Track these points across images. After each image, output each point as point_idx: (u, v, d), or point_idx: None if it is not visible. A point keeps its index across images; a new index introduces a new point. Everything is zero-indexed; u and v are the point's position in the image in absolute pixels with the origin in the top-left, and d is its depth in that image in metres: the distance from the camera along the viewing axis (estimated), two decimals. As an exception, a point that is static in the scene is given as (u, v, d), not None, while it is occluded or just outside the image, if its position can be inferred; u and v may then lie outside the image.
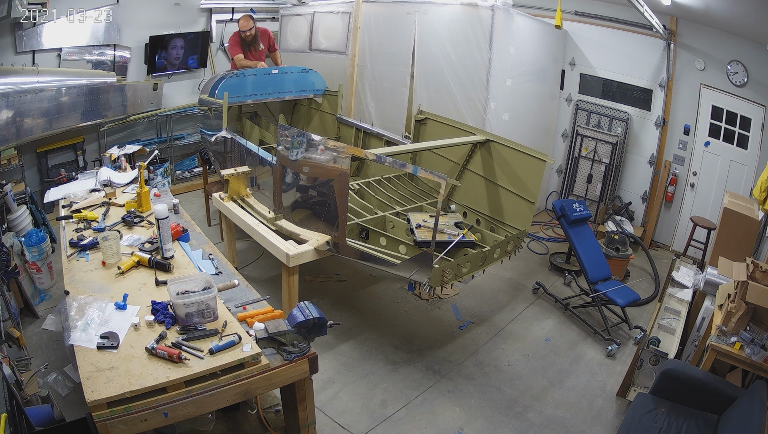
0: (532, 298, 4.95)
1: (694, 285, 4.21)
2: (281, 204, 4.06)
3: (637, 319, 4.67)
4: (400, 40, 5.89)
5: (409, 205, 4.70)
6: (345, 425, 3.30)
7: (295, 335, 2.50)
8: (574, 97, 6.54)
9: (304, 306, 2.56)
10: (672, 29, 5.57)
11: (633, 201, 6.38)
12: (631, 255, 5.36)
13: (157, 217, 3.03)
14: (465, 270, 3.62)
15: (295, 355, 2.43)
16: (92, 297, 2.62)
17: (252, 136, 6.24)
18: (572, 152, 6.57)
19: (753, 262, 3.24)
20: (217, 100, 5.37)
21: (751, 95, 5.19)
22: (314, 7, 6.90)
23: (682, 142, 5.90)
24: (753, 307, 3.07)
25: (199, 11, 6.99)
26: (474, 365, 3.95)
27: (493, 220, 4.44)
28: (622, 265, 5.31)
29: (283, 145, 3.86)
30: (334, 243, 3.75)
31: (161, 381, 2.14)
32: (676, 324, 3.90)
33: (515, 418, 3.45)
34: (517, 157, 4.23)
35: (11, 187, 4.77)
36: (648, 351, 3.53)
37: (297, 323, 2.49)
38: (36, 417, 2.56)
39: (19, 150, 5.30)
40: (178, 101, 7.03)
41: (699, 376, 3.08)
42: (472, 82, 5.39)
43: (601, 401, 3.67)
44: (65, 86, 5.49)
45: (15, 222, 4.71)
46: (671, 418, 2.93)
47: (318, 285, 4.87)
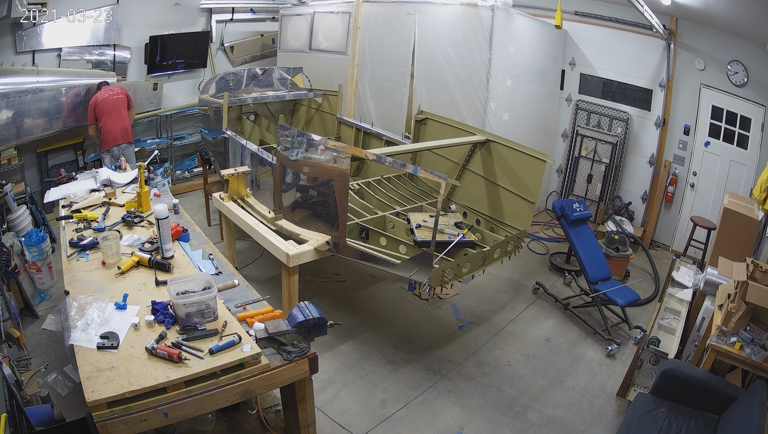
0: (532, 298, 4.95)
1: (694, 285, 4.21)
2: (281, 204, 4.06)
3: (637, 319, 4.67)
4: (400, 40, 5.89)
5: (409, 204, 4.70)
6: (345, 425, 3.30)
7: (295, 335, 2.50)
8: (574, 97, 6.54)
9: (304, 306, 2.56)
10: (672, 29, 5.57)
11: (633, 201, 6.38)
12: (631, 256, 5.36)
13: (157, 217, 3.02)
14: (465, 270, 3.62)
15: (295, 355, 2.44)
16: (92, 297, 2.62)
17: (252, 136, 6.25)
18: (572, 152, 6.57)
19: (753, 262, 3.24)
20: (217, 100, 5.38)
21: (751, 95, 5.19)
22: (314, 7, 6.90)
23: (682, 142, 5.90)
24: (753, 307, 3.07)
25: (199, 11, 6.99)
26: (474, 365, 3.95)
27: (493, 220, 4.44)
28: (622, 265, 5.31)
29: (283, 144, 3.86)
30: (334, 243, 3.75)
31: (161, 381, 2.14)
32: (676, 324, 3.90)
33: (515, 418, 3.45)
34: (517, 157, 4.23)
35: (11, 187, 4.77)
36: (648, 351, 3.53)
37: (297, 323, 2.49)
38: (36, 417, 2.56)
39: (19, 150, 5.31)
40: (178, 101, 7.03)
41: (699, 376, 3.08)
42: (472, 82, 5.39)
43: (601, 401, 3.67)
44: (65, 86, 5.49)
45: (15, 222, 4.71)
46: (671, 418, 2.93)
47: (318, 285, 4.87)
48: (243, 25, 7.67)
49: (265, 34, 7.92)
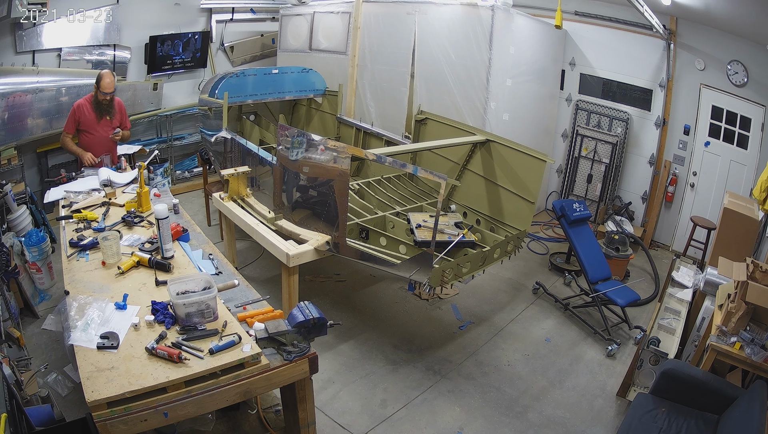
0: (532, 298, 4.95)
1: (694, 285, 4.21)
2: (281, 204, 4.06)
3: (637, 319, 4.67)
4: (400, 40, 5.89)
5: (409, 204, 4.70)
6: (345, 425, 3.30)
7: (295, 335, 2.50)
8: (574, 97, 6.54)
9: (304, 306, 2.57)
10: (672, 29, 5.57)
11: (633, 201, 6.38)
12: (631, 255, 5.36)
13: (157, 216, 3.02)
14: (465, 270, 3.62)
15: (295, 355, 2.44)
16: (92, 297, 2.62)
17: (252, 136, 6.25)
18: (572, 152, 6.57)
19: (753, 262, 3.24)
20: (217, 100, 5.38)
21: (751, 95, 5.19)
22: (314, 7, 6.90)
23: (682, 142, 5.90)
24: (753, 307, 3.06)
25: (199, 11, 6.99)
26: (474, 365, 3.95)
27: (493, 220, 4.44)
28: (622, 265, 5.31)
29: (284, 145, 3.86)
30: (334, 243, 3.74)
31: (161, 381, 2.14)
32: (676, 324, 3.90)
33: (515, 418, 3.45)
34: (517, 157, 4.23)
35: (11, 187, 4.76)
36: (648, 351, 3.53)
37: (297, 323, 2.49)
38: (36, 417, 2.56)
39: (19, 150, 5.31)
40: (178, 101, 7.03)
41: (699, 376, 3.08)
42: (472, 82, 5.39)
43: (601, 401, 3.67)
44: (65, 86, 5.49)
45: (15, 222, 4.71)
46: (671, 418, 2.93)
47: (318, 285, 4.87)
48: (243, 25, 7.67)
49: (265, 34, 7.92)
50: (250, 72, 5.83)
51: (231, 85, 5.57)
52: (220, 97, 5.32)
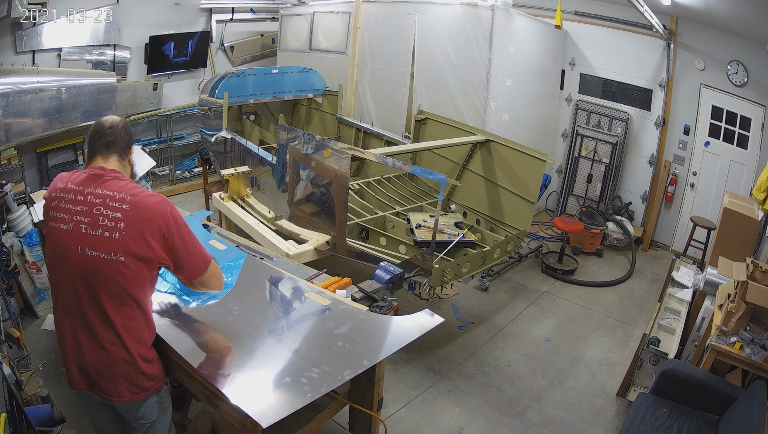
0: (532, 298, 4.95)
1: (694, 285, 4.21)
2: (298, 201, 4.05)
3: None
4: (400, 40, 5.89)
5: (409, 204, 4.70)
6: (345, 425, 3.30)
7: (385, 291, 2.67)
8: (574, 97, 6.53)
9: (386, 265, 2.73)
10: (672, 29, 5.57)
11: (633, 201, 6.38)
12: (599, 230, 5.73)
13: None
14: (465, 270, 3.62)
15: (385, 308, 2.58)
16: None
17: (252, 136, 6.25)
18: (572, 152, 6.57)
19: (753, 262, 3.24)
20: (217, 100, 5.38)
21: (751, 95, 5.19)
22: (314, 7, 6.90)
23: (682, 142, 5.90)
24: (753, 307, 3.06)
25: (199, 11, 6.99)
26: (474, 365, 3.95)
27: (493, 220, 4.45)
28: (593, 239, 5.68)
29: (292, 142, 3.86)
30: (334, 243, 3.74)
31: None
32: (676, 324, 3.90)
33: (515, 418, 3.45)
34: (517, 157, 4.23)
35: (11, 187, 4.76)
36: (648, 351, 3.53)
37: (387, 280, 2.66)
38: (36, 417, 2.56)
39: (19, 150, 5.30)
40: (178, 101, 7.03)
41: (699, 376, 3.08)
42: (472, 82, 5.39)
43: (601, 401, 3.67)
44: (65, 86, 5.49)
45: (15, 222, 4.71)
46: (672, 418, 2.93)
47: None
48: (243, 25, 7.67)
49: (265, 34, 7.92)
50: (250, 72, 5.83)
51: (231, 85, 5.57)
52: (220, 96, 5.32)
